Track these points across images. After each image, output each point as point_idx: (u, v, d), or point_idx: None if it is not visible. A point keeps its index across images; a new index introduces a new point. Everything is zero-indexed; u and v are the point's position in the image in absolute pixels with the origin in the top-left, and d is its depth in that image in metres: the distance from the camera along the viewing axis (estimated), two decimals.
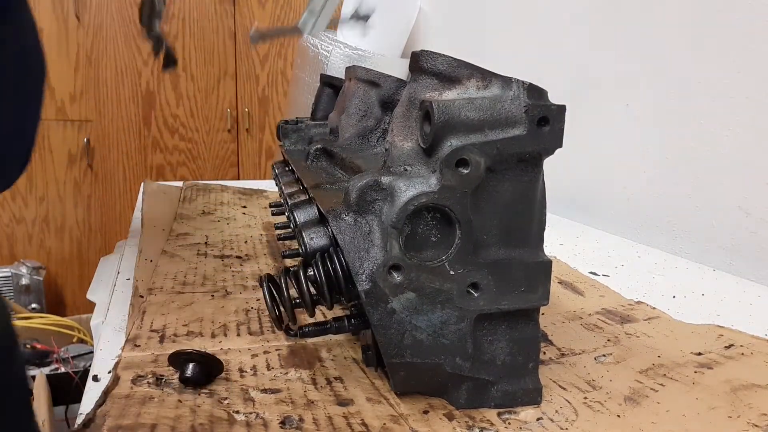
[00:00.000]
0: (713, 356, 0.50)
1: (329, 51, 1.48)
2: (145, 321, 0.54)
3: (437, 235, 0.37)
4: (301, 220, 0.47)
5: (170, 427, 0.37)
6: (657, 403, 0.42)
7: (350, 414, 0.40)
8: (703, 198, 0.84)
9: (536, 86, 0.36)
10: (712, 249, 0.82)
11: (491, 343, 0.40)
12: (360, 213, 0.38)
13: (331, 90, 0.83)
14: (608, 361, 0.49)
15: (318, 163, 0.60)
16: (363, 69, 0.61)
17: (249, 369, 0.46)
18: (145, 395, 0.41)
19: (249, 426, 0.38)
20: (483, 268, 0.38)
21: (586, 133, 1.03)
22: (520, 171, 0.38)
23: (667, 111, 0.89)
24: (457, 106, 0.36)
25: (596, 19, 1.04)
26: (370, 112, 0.59)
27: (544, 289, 0.39)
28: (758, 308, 0.64)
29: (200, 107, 2.32)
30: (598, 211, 1.03)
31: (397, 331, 0.37)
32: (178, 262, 0.71)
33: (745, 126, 0.78)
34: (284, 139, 0.77)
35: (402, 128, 0.40)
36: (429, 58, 0.39)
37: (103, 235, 2.31)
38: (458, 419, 0.39)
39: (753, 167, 0.77)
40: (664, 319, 0.59)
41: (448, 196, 0.36)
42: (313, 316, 0.44)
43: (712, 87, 0.82)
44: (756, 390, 0.44)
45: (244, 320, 0.55)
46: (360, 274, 0.36)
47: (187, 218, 0.93)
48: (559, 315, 0.59)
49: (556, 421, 0.40)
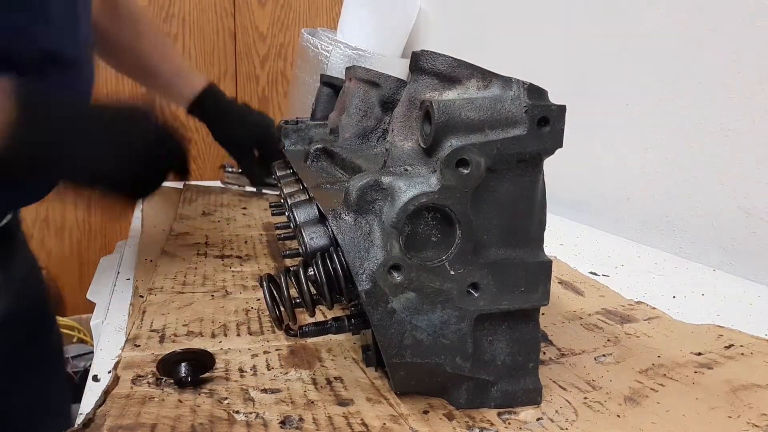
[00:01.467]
0: (713, 356, 0.50)
1: (329, 51, 1.48)
2: (145, 321, 0.54)
3: (437, 235, 0.37)
4: (301, 219, 0.47)
5: (170, 427, 0.37)
6: (657, 403, 0.42)
7: (350, 414, 0.40)
8: (703, 198, 0.84)
9: (536, 86, 0.36)
10: (712, 249, 0.82)
11: (491, 343, 0.40)
12: (360, 213, 0.38)
13: (331, 90, 0.83)
14: (608, 361, 0.49)
15: (318, 163, 0.60)
16: (363, 69, 0.61)
17: (249, 369, 0.46)
18: (145, 395, 0.41)
19: (249, 426, 0.38)
20: (483, 268, 0.38)
21: (586, 133, 1.03)
22: (521, 171, 0.38)
23: (667, 111, 0.89)
24: (458, 106, 0.36)
25: (596, 19, 1.04)
26: (370, 112, 0.59)
27: (544, 289, 0.39)
28: (758, 308, 0.64)
29: None
30: (598, 211, 1.03)
31: (397, 331, 0.37)
32: (178, 262, 0.71)
33: (745, 126, 0.78)
34: (284, 139, 0.77)
35: (402, 128, 0.40)
36: (429, 58, 0.39)
37: (103, 235, 2.31)
38: (458, 419, 0.39)
39: (753, 167, 0.77)
40: (664, 319, 0.59)
41: (449, 196, 0.36)
42: (313, 316, 0.44)
43: (712, 87, 0.82)
44: (756, 390, 0.44)
45: (244, 320, 0.55)
46: (360, 274, 0.36)
47: (187, 218, 0.93)
48: (559, 315, 0.59)
49: (556, 421, 0.40)
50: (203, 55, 2.32)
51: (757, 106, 0.76)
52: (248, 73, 2.38)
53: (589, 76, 1.06)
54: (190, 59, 2.29)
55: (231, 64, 2.36)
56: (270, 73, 2.41)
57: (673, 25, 0.88)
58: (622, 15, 0.98)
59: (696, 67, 0.84)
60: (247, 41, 2.36)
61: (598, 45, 1.04)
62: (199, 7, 2.28)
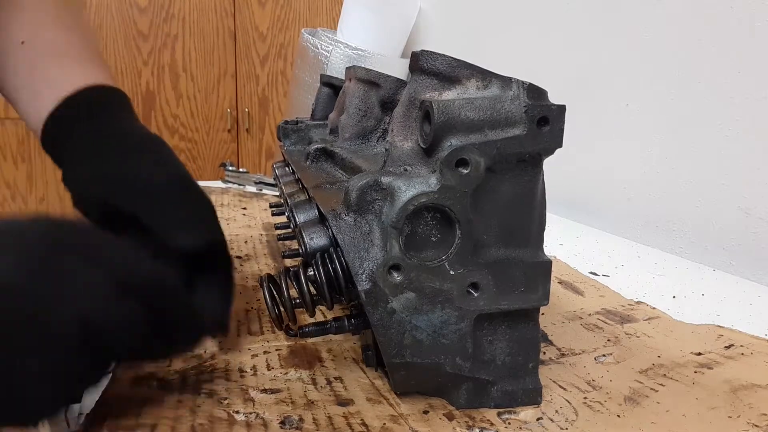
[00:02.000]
0: (713, 356, 0.50)
1: (329, 51, 1.48)
2: None
3: (437, 235, 0.37)
4: (301, 220, 0.47)
5: (170, 427, 0.37)
6: (657, 403, 0.42)
7: (350, 414, 0.40)
8: (703, 198, 0.84)
9: (536, 86, 0.36)
10: (712, 249, 0.82)
11: (491, 343, 0.40)
12: (360, 213, 0.38)
13: (331, 90, 0.83)
14: (608, 361, 0.49)
15: (318, 163, 0.60)
16: (363, 69, 0.61)
17: (249, 369, 0.46)
18: (145, 395, 0.41)
19: (249, 426, 0.38)
20: (483, 268, 0.38)
21: (586, 133, 1.03)
22: (520, 171, 0.38)
23: (667, 111, 0.89)
24: (457, 106, 0.36)
25: (596, 18, 1.04)
26: (370, 112, 0.59)
27: (544, 289, 0.39)
28: (758, 308, 0.64)
29: (200, 107, 2.32)
30: (598, 211, 1.03)
31: (397, 331, 0.37)
32: None
33: (745, 126, 0.78)
34: (284, 140, 0.76)
35: (402, 128, 0.40)
36: (429, 58, 0.39)
37: None
38: (458, 419, 0.39)
39: (753, 167, 0.77)
40: (664, 319, 0.59)
41: (448, 196, 0.36)
42: (313, 317, 0.44)
43: (712, 87, 0.82)
44: (756, 390, 0.44)
45: (244, 320, 0.55)
46: (360, 274, 0.36)
47: None
48: (559, 315, 0.59)
49: (556, 421, 0.40)
50: (203, 55, 2.32)
51: (757, 106, 0.76)
52: (248, 73, 2.39)
53: (589, 76, 1.06)
54: (190, 59, 2.29)
55: (231, 64, 2.36)
56: (270, 73, 2.41)
57: (673, 25, 0.88)
58: (622, 15, 0.98)
59: (696, 67, 0.84)
60: (247, 41, 2.36)
61: (598, 45, 1.04)
62: (199, 7, 2.28)
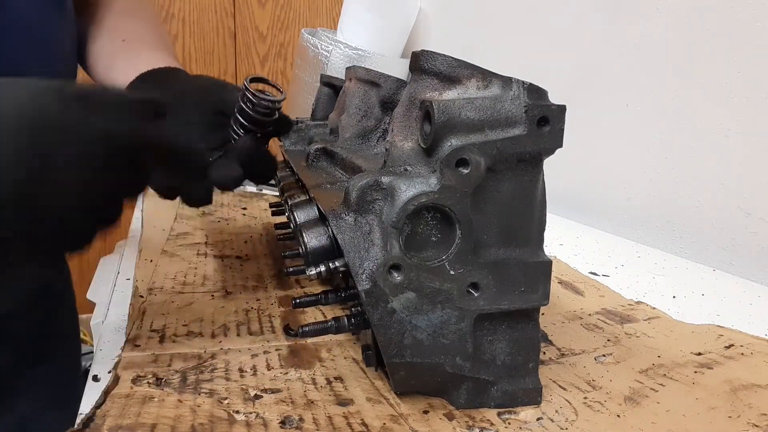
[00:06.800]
0: (713, 356, 0.50)
1: (329, 51, 1.48)
2: (145, 321, 0.54)
3: (437, 234, 0.37)
4: (301, 220, 0.47)
5: (170, 427, 0.37)
6: (657, 403, 0.42)
7: (350, 414, 0.40)
8: (703, 198, 0.84)
9: (536, 86, 0.37)
10: (712, 249, 0.82)
11: (491, 343, 0.40)
12: (360, 213, 0.38)
13: (331, 90, 0.83)
14: (608, 361, 0.49)
15: (318, 163, 0.60)
16: (363, 69, 0.61)
17: (249, 369, 0.46)
18: (145, 395, 0.41)
19: (249, 426, 0.38)
20: (483, 268, 0.38)
21: (586, 133, 1.03)
22: (520, 171, 0.38)
23: (668, 111, 0.89)
24: (457, 106, 0.36)
25: (596, 18, 1.04)
26: (370, 112, 0.59)
27: (544, 289, 0.40)
28: (758, 308, 0.64)
29: None
30: (598, 211, 1.03)
31: (397, 331, 0.37)
32: (178, 262, 0.71)
33: (745, 126, 0.78)
34: (284, 139, 0.76)
35: (402, 128, 0.40)
36: (429, 58, 0.39)
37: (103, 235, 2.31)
38: (458, 419, 0.39)
39: (753, 167, 0.77)
40: (664, 319, 0.59)
41: (448, 196, 0.36)
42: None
43: (712, 87, 0.82)
44: (756, 390, 0.44)
45: (244, 320, 0.55)
46: (360, 273, 0.36)
47: (187, 218, 0.93)
48: (559, 315, 0.59)
49: (556, 421, 0.40)
50: (203, 55, 2.32)
51: (757, 107, 0.76)
52: (248, 72, 2.38)
53: (589, 76, 1.06)
54: (190, 59, 2.29)
55: (231, 64, 2.36)
56: (270, 73, 2.41)
57: (673, 25, 0.88)
58: (623, 15, 0.98)
59: (696, 67, 0.84)
60: (247, 41, 2.36)
61: (598, 45, 1.04)
62: (199, 7, 2.28)
